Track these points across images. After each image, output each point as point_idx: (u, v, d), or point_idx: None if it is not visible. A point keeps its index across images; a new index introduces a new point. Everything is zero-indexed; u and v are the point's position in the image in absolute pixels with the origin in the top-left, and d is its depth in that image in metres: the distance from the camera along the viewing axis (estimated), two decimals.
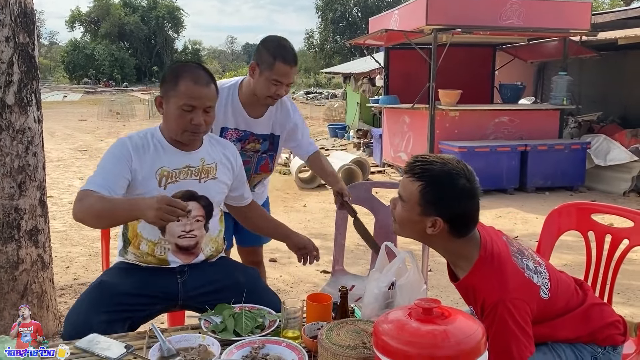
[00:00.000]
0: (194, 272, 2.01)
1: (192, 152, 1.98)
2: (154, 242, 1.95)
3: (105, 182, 1.81)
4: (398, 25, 8.47)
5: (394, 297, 1.67)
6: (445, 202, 1.46)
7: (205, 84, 1.89)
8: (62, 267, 4.31)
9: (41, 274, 2.89)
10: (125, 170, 1.86)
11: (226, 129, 2.50)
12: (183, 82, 1.86)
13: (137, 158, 1.89)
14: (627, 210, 1.94)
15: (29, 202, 2.77)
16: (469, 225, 1.51)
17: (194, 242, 1.99)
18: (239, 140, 2.52)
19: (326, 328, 1.54)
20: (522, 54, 9.93)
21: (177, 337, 1.63)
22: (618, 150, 7.38)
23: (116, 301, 1.85)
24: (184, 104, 1.85)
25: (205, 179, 1.99)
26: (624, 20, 9.34)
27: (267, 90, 2.34)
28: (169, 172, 1.92)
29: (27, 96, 2.72)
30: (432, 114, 7.78)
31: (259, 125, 2.54)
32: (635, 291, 3.78)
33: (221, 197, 2.09)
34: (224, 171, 2.06)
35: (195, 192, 1.96)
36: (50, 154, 10.76)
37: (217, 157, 2.05)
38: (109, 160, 1.88)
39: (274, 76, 2.30)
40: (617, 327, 1.65)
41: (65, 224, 5.69)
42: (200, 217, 1.98)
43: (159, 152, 1.93)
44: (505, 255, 1.51)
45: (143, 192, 1.87)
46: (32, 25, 2.75)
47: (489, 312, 1.44)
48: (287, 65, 2.29)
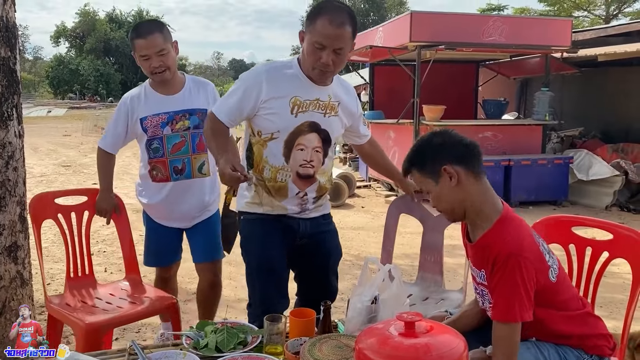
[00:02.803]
0: (310, 239, 2.21)
1: (323, 87, 2.09)
2: (277, 167, 2.09)
3: (229, 114, 2.07)
4: (382, 41, 8.57)
5: (377, 312, 1.67)
6: (434, 154, 1.63)
7: (338, 25, 1.91)
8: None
9: (20, 291, 2.84)
10: (250, 102, 2.04)
11: (144, 118, 2.55)
12: (320, 19, 1.92)
13: (269, 85, 2.03)
14: (606, 223, 1.97)
15: (9, 217, 2.73)
16: (470, 154, 1.62)
17: (312, 171, 2.12)
18: (166, 123, 2.56)
19: (308, 343, 1.53)
20: (504, 70, 10.08)
21: (157, 354, 1.61)
22: (600, 165, 7.49)
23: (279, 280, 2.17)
24: (316, 42, 1.93)
25: (329, 115, 2.12)
26: (603, 37, 9.56)
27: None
28: (301, 102, 2.05)
29: (8, 110, 2.69)
30: (416, 129, 7.84)
31: (177, 101, 2.58)
32: (618, 304, 3.81)
33: (339, 133, 2.24)
34: (345, 111, 2.19)
35: (319, 125, 2.10)
36: (33, 170, 10.63)
37: (342, 97, 2.17)
38: (236, 92, 2.07)
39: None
40: (607, 340, 1.69)
41: (46, 240, 5.60)
42: (319, 149, 2.12)
43: (293, 81, 2.05)
44: (525, 225, 1.62)
45: (275, 114, 2.04)
46: (14, 39, 2.73)
47: (500, 264, 1.50)
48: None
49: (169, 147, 2.57)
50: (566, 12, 24.12)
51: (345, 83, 2.25)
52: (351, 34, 1.95)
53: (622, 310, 1.86)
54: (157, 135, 2.57)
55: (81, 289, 2.61)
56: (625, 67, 9.03)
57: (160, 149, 2.57)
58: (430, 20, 7.81)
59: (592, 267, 1.99)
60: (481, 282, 1.63)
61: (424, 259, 2.65)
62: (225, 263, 2.91)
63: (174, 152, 2.58)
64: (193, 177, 2.61)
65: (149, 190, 2.67)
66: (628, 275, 1.85)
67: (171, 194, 2.61)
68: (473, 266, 1.67)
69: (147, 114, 2.57)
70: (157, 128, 2.56)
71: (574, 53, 8.29)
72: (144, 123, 2.57)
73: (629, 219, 6.81)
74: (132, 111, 2.58)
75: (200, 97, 2.65)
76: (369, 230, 6.25)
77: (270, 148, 2.08)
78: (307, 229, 2.19)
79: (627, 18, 22.98)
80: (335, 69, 2.01)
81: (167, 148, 2.57)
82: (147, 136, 2.58)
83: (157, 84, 2.60)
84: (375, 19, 37.40)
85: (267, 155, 2.09)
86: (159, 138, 2.57)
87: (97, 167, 2.70)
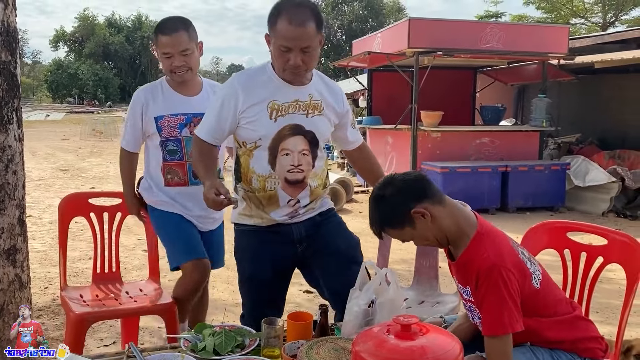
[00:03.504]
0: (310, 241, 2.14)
1: (300, 87, 2.03)
2: (264, 176, 2.04)
3: (210, 132, 2.05)
4: (381, 47, 8.61)
5: (374, 315, 1.68)
6: (394, 205, 1.60)
7: (299, 24, 1.84)
8: (41, 288, 4.24)
9: (18, 294, 2.84)
10: (229, 114, 2.01)
11: (160, 117, 2.46)
12: (280, 21, 1.86)
13: (245, 94, 1.99)
14: (600, 228, 1.98)
15: (8, 220, 2.74)
16: (424, 187, 1.61)
17: (302, 176, 2.06)
18: (184, 125, 2.46)
19: (306, 346, 1.54)
20: (502, 76, 10.13)
21: (155, 356, 1.62)
22: (596, 172, 7.51)
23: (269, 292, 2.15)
24: (281, 45, 1.88)
25: (312, 114, 2.05)
26: (600, 44, 9.62)
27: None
28: (279, 106, 1.99)
29: (8, 114, 2.71)
30: (414, 135, 7.87)
31: (195, 103, 2.48)
32: (614, 310, 3.82)
33: (327, 132, 2.14)
34: (330, 109, 2.11)
35: (303, 127, 2.03)
36: (31, 173, 10.62)
37: (324, 95, 2.09)
38: (217, 110, 2.03)
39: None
40: (600, 342, 1.70)
41: (44, 244, 5.61)
42: (306, 151, 2.05)
43: (268, 86, 2.00)
44: (501, 235, 1.63)
45: (255, 122, 1.99)
46: (14, 43, 2.75)
47: (483, 278, 1.50)
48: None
49: (188, 151, 2.44)
50: (563, 19, 24.24)
51: (328, 81, 2.17)
52: (315, 29, 1.88)
53: (618, 315, 1.87)
54: (173, 137, 2.48)
55: (107, 285, 2.76)
56: (621, 74, 9.08)
57: (178, 152, 2.48)
58: (428, 27, 7.85)
59: (586, 272, 2.01)
60: (468, 299, 1.64)
61: (419, 263, 2.67)
62: (224, 268, 2.90)
63: None
64: None
65: (160, 192, 2.53)
66: (624, 280, 1.87)
67: (186, 199, 2.50)
68: (459, 283, 1.68)
69: (164, 113, 2.47)
70: (174, 129, 2.47)
71: (571, 60, 8.34)
72: (159, 122, 2.47)
73: (625, 225, 6.83)
74: (147, 107, 2.48)
75: None
76: (367, 235, 6.21)
77: (255, 157, 2.03)
78: (301, 233, 2.12)
79: (624, 25, 23.11)
80: (309, 67, 1.96)
81: (186, 151, 2.47)
82: (160, 136, 2.48)
83: (176, 84, 2.51)
84: (374, 25, 37.52)
85: (253, 165, 2.04)
86: (175, 140, 2.48)
87: (120, 171, 2.63)
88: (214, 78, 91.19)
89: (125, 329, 2.84)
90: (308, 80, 2.05)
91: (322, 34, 1.94)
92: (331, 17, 40.97)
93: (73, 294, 2.60)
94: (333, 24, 41.36)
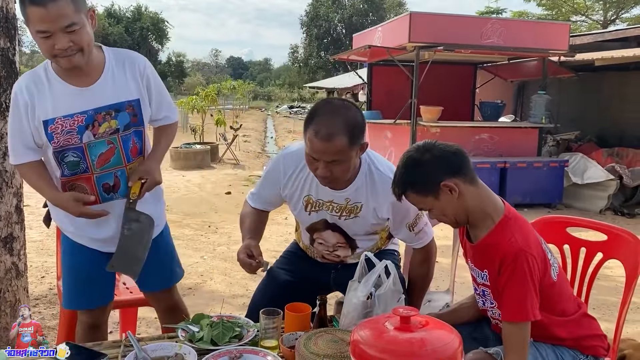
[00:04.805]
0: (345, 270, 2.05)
1: (338, 190, 1.90)
2: (306, 246, 2.15)
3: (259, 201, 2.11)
4: (381, 42, 8.58)
5: (372, 307, 1.68)
6: (427, 171, 1.57)
7: (325, 138, 1.69)
8: (38, 277, 4.23)
9: (15, 283, 2.83)
10: (276, 193, 2.04)
11: (51, 121, 1.81)
12: (310, 129, 1.73)
13: (287, 179, 1.98)
14: (600, 224, 1.98)
15: (5, 208, 2.73)
16: (461, 162, 1.59)
17: (339, 260, 2.08)
18: (85, 127, 1.84)
19: (304, 337, 1.54)
20: (502, 72, 10.11)
21: (152, 345, 1.62)
22: (595, 169, 7.52)
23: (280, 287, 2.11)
24: (308, 153, 1.78)
25: (345, 217, 1.97)
26: (600, 42, 9.61)
27: (43, 48, 1.71)
28: (314, 201, 1.97)
29: (6, 101, 2.69)
30: (413, 130, 7.86)
31: (96, 95, 1.85)
32: (611, 307, 3.83)
33: (365, 231, 2.00)
34: (369, 212, 1.93)
35: (335, 224, 2.00)
36: None
37: (368, 197, 1.90)
38: (263, 182, 2.10)
39: (34, 28, 1.66)
40: (602, 340, 1.70)
41: (42, 233, 5.59)
42: (342, 244, 2.05)
43: (309, 181, 1.94)
44: (527, 222, 1.63)
45: (293, 206, 2.03)
46: (13, 30, 2.73)
47: (508, 263, 1.50)
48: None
49: (94, 160, 1.88)
50: (564, 16, 24.18)
51: (378, 184, 1.89)
52: (347, 144, 1.70)
53: (615, 312, 1.87)
54: (71, 145, 1.84)
55: None
56: (621, 72, 9.08)
57: (81, 163, 1.87)
58: (429, 21, 7.82)
59: (586, 267, 2.01)
60: (483, 283, 1.63)
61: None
62: (221, 259, 2.88)
63: (101, 165, 1.89)
64: None
65: (64, 218, 1.97)
66: (621, 278, 1.87)
67: (100, 220, 1.92)
68: (474, 267, 1.67)
69: (55, 115, 1.81)
70: (71, 135, 1.83)
71: (571, 57, 8.33)
72: (49, 127, 1.81)
73: (623, 223, 6.85)
74: (32, 108, 1.81)
75: (128, 82, 1.90)
76: None
77: (301, 230, 2.12)
78: (339, 278, 2.06)
79: (625, 23, 23.07)
80: (340, 177, 1.80)
81: (91, 161, 1.87)
82: (52, 146, 1.83)
83: (65, 71, 1.81)
84: (374, 19, 37.40)
85: (301, 233, 2.15)
86: (76, 148, 1.85)
87: (31, 186, 1.93)
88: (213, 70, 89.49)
89: (123, 319, 2.83)
90: (349, 182, 1.89)
91: (360, 144, 1.77)
92: (331, 11, 40.86)
93: None
94: (333, 17, 41.23)
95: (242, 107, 33.04)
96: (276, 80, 67.22)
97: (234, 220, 6.60)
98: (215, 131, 13.87)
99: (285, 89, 56.02)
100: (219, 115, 13.60)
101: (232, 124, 13.42)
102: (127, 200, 1.90)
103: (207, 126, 14.39)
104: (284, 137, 20.60)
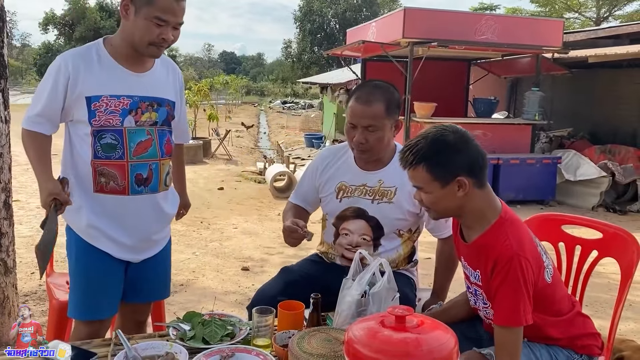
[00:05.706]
0: None
1: (372, 172, 2.05)
2: (329, 245, 2.16)
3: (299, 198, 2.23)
4: (375, 37, 8.55)
5: (367, 305, 1.66)
6: (452, 159, 1.52)
7: (365, 102, 1.92)
8: (27, 273, 4.18)
9: (3, 279, 2.79)
10: (313, 187, 2.17)
11: (96, 98, 1.80)
12: (352, 98, 1.97)
13: (323, 168, 2.14)
14: (596, 222, 1.97)
15: None
16: (483, 167, 1.57)
17: (360, 256, 2.04)
18: (128, 112, 1.83)
19: (297, 336, 1.52)
20: (496, 69, 10.12)
21: (143, 344, 1.59)
22: (587, 166, 7.55)
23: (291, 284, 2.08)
24: (349, 121, 1.96)
25: (378, 201, 2.02)
26: (594, 39, 9.62)
27: (149, 33, 1.74)
28: (347, 187, 2.06)
29: None
30: (407, 126, 7.85)
31: (145, 83, 1.88)
32: (603, 304, 3.84)
33: (395, 220, 2.03)
34: (406, 197, 1.98)
35: (366, 211, 2.02)
36: (19, 158, 10.44)
37: (400, 183, 1.98)
38: (302, 177, 2.24)
39: (155, 13, 1.72)
40: (596, 339, 1.69)
41: (31, 229, 5.54)
42: (367, 237, 2.04)
43: (343, 167, 2.10)
44: (523, 225, 1.61)
45: (326, 197, 2.11)
46: (1, 22, 2.68)
47: (502, 266, 1.47)
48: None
49: (132, 147, 1.84)
50: (557, 13, 24.27)
51: None
52: (383, 111, 1.92)
53: (608, 309, 1.87)
54: (111, 127, 1.81)
55: None
56: (614, 69, 9.10)
57: (118, 147, 1.83)
58: (423, 17, 7.80)
59: (581, 265, 2.00)
60: (475, 282, 1.62)
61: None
62: (213, 255, 2.85)
63: (139, 154, 1.85)
64: (159, 191, 1.94)
65: (88, 213, 1.88)
66: (613, 275, 1.87)
67: (122, 215, 1.88)
68: (467, 265, 1.65)
69: (101, 92, 1.80)
70: (113, 116, 1.81)
71: (565, 54, 8.34)
72: (93, 104, 1.80)
73: (615, 220, 6.87)
74: (75, 80, 1.79)
75: (169, 84, 1.98)
76: None
77: (327, 227, 2.15)
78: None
79: (618, 21, 23.17)
80: (373, 147, 1.95)
81: (129, 148, 1.83)
82: (92, 125, 1.81)
83: (123, 54, 1.84)
84: (368, 15, 37.32)
85: (324, 232, 2.18)
86: (115, 131, 1.82)
87: (28, 156, 1.91)
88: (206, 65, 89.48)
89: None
90: (383, 164, 2.05)
91: (395, 118, 1.98)
92: (325, 6, 40.72)
93: (59, 280, 2.56)
94: (327, 12, 41.10)
95: (234, 102, 32.94)
96: (269, 75, 66.99)
97: (227, 216, 6.58)
98: (208, 126, 13.81)
99: (279, 84, 55.86)
100: (211, 110, 13.52)
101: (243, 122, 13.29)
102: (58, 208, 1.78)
103: (200, 121, 14.32)
104: (277, 132, 20.54)
